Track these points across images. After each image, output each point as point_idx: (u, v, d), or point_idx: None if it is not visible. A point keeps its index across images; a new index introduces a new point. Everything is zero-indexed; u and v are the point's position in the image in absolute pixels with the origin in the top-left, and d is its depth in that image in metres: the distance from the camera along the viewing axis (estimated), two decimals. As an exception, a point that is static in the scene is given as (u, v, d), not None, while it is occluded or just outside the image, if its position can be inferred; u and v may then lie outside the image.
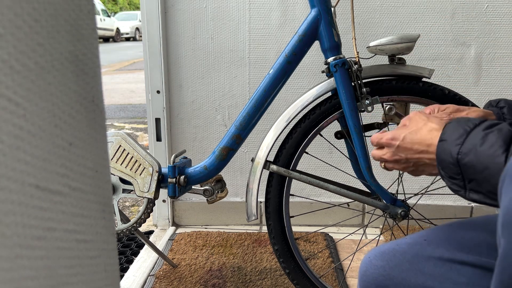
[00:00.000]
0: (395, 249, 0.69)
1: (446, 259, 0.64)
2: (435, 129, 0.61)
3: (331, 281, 1.34)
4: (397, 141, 0.66)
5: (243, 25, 1.58)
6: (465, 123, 0.55)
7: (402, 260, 0.67)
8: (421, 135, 0.62)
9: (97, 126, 0.37)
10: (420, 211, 1.52)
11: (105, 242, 0.38)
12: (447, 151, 0.54)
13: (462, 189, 0.54)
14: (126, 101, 5.02)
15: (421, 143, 0.62)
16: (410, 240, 0.70)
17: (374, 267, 0.69)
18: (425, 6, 1.53)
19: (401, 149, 0.65)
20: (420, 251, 0.67)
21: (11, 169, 0.24)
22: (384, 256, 0.69)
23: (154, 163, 1.09)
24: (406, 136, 0.64)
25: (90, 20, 0.36)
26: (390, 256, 0.68)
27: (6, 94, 0.24)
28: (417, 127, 0.64)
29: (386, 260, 0.68)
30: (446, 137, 0.56)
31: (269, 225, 1.10)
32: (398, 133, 0.66)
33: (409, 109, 1.04)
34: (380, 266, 0.69)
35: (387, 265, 0.68)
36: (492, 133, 0.50)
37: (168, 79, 1.63)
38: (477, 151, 0.50)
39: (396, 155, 0.67)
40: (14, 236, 0.24)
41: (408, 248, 0.68)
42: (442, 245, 0.66)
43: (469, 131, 0.53)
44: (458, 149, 0.53)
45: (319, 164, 1.55)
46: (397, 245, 0.70)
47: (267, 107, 1.06)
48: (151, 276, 1.36)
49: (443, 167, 0.56)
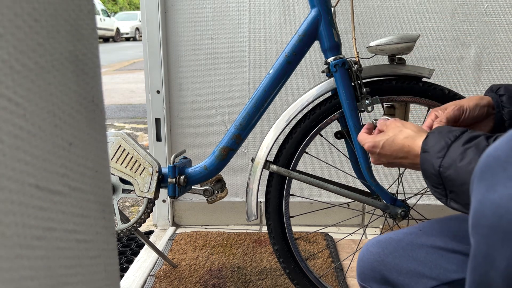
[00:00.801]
0: (391, 238, 0.73)
1: (438, 247, 0.67)
2: (411, 136, 0.66)
3: (331, 281, 1.34)
4: (377, 149, 0.71)
5: (243, 25, 1.58)
6: (446, 135, 0.58)
7: (396, 247, 0.70)
8: (398, 142, 0.68)
9: (97, 126, 0.37)
10: (420, 211, 1.52)
11: (105, 242, 0.38)
12: (429, 162, 0.57)
13: (444, 198, 0.57)
14: (126, 101, 5.02)
15: (400, 150, 0.67)
16: (406, 230, 0.73)
17: (370, 254, 0.73)
18: (425, 6, 1.53)
19: (382, 156, 0.71)
20: (414, 239, 0.70)
21: (11, 169, 0.24)
22: (380, 244, 0.73)
23: (154, 163, 1.09)
24: (385, 144, 0.70)
25: (90, 20, 0.36)
26: (386, 243, 0.72)
27: (6, 94, 0.24)
28: (394, 134, 0.69)
29: (382, 247, 0.72)
30: (428, 148, 0.59)
31: (269, 225, 1.10)
32: (377, 140, 0.71)
33: (409, 109, 1.04)
34: (375, 253, 0.72)
35: (382, 251, 0.71)
36: (470, 149, 0.53)
37: (168, 79, 1.63)
38: (457, 167, 0.53)
39: (378, 160, 0.74)
40: (14, 236, 0.24)
41: (404, 236, 0.72)
42: (436, 235, 0.69)
43: (449, 144, 0.56)
44: (440, 162, 0.55)
45: (319, 164, 1.55)
46: (394, 234, 0.73)
47: (267, 107, 1.06)
48: (151, 276, 1.36)
49: (426, 176, 0.59)
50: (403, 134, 0.67)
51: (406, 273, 0.67)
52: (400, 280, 0.68)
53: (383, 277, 0.71)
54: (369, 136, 0.75)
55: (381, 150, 0.70)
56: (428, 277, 0.65)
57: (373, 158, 0.74)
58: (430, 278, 0.65)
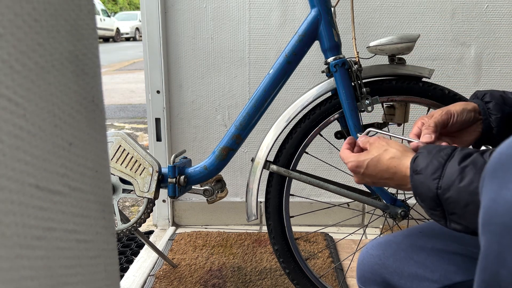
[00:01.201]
0: (391, 240, 0.72)
1: (438, 249, 0.67)
2: (397, 157, 0.64)
3: (331, 281, 1.34)
4: (361, 169, 0.68)
5: (243, 25, 1.58)
6: (438, 154, 0.55)
7: (397, 249, 0.70)
8: (384, 162, 0.65)
9: (97, 126, 0.37)
10: (420, 211, 1.52)
11: (105, 242, 0.38)
12: (425, 185, 0.55)
13: (443, 219, 0.55)
14: (126, 101, 5.02)
15: (386, 171, 0.65)
16: (406, 232, 0.72)
17: (371, 257, 0.72)
18: (425, 6, 1.53)
19: (367, 176, 0.68)
20: (414, 242, 0.69)
21: (11, 169, 0.24)
22: (381, 246, 0.72)
23: (154, 163, 1.09)
24: (369, 163, 0.67)
25: (90, 20, 0.36)
26: (386, 246, 0.71)
27: (6, 94, 0.24)
28: (378, 153, 0.66)
29: (382, 249, 0.71)
30: (421, 170, 0.56)
31: (269, 225, 1.10)
32: (361, 160, 0.68)
33: (409, 109, 1.04)
34: (376, 256, 0.71)
35: (382, 254, 0.71)
36: (468, 168, 0.51)
37: (168, 79, 1.63)
38: (458, 188, 0.51)
39: (362, 180, 0.71)
40: (14, 236, 0.24)
41: (404, 239, 0.71)
42: (436, 237, 0.69)
43: (443, 164, 0.53)
44: (437, 184, 0.53)
45: (319, 164, 1.55)
46: (394, 237, 0.72)
47: (267, 107, 1.06)
48: (151, 276, 1.36)
49: (422, 200, 0.56)
50: (388, 154, 0.65)
51: (408, 276, 0.67)
52: (401, 283, 0.67)
53: (384, 280, 0.70)
54: (352, 154, 0.72)
55: (365, 170, 0.68)
56: (430, 279, 0.65)
57: (357, 177, 0.71)
58: (432, 281, 0.64)
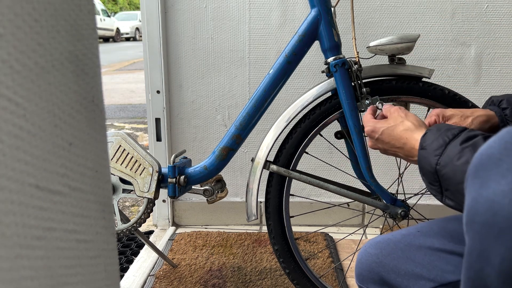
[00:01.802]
0: (390, 239, 0.73)
1: (436, 249, 0.67)
2: (410, 129, 0.68)
3: (331, 281, 1.34)
4: (376, 134, 0.73)
5: (243, 25, 1.58)
6: (445, 133, 0.58)
7: (395, 248, 0.71)
8: (397, 132, 0.70)
9: (97, 126, 0.37)
10: (420, 211, 1.52)
11: (105, 242, 0.38)
12: (427, 160, 0.58)
13: (440, 195, 0.58)
14: (126, 101, 5.01)
15: (398, 140, 0.69)
16: (405, 231, 0.73)
17: (369, 255, 0.73)
18: (425, 6, 1.53)
19: (380, 142, 0.73)
20: (412, 241, 0.70)
21: (11, 169, 0.24)
22: (379, 245, 0.73)
23: (154, 163, 1.09)
24: (384, 131, 0.72)
25: (90, 20, 0.36)
26: (384, 245, 0.72)
27: (6, 94, 0.24)
28: (395, 123, 0.71)
29: (380, 248, 0.72)
30: (426, 146, 0.59)
31: (269, 225, 1.10)
32: (378, 126, 0.73)
33: (409, 109, 1.04)
34: (374, 254, 0.72)
35: (380, 253, 0.72)
36: (467, 149, 0.53)
37: (168, 79, 1.63)
38: (454, 165, 0.53)
39: (375, 145, 0.76)
40: (14, 236, 0.24)
41: (402, 238, 0.72)
42: (434, 236, 0.69)
43: (447, 143, 0.56)
44: (437, 160, 0.56)
45: (319, 164, 1.55)
46: (392, 236, 0.73)
47: (267, 107, 1.06)
48: (151, 276, 1.36)
49: (423, 173, 0.60)
50: (403, 125, 0.69)
51: (404, 274, 0.67)
52: (398, 282, 0.68)
53: (381, 278, 0.71)
54: (372, 120, 0.76)
55: (380, 136, 0.73)
56: (426, 278, 0.65)
57: (371, 142, 0.76)
58: (428, 280, 0.65)
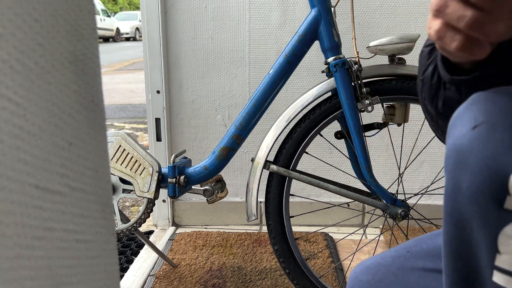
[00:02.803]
0: (380, 263, 0.71)
1: (429, 269, 0.66)
2: None
3: (331, 281, 1.34)
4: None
5: (243, 25, 1.58)
6: None
7: (387, 273, 0.69)
8: None
9: (97, 126, 0.37)
10: (420, 211, 1.52)
11: (105, 242, 0.38)
12: None
13: None
14: (126, 101, 5.02)
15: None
16: (394, 253, 0.71)
17: (360, 283, 0.70)
18: (425, 6, 1.53)
19: None
20: (404, 263, 0.68)
21: (11, 169, 0.24)
22: (370, 271, 0.70)
23: (154, 163, 1.09)
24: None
25: (90, 20, 0.36)
26: (376, 270, 0.70)
27: (6, 94, 0.24)
28: None
29: (372, 274, 0.70)
30: None
31: (269, 225, 1.10)
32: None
33: (409, 109, 1.04)
34: (366, 281, 0.70)
35: (372, 279, 0.69)
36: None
37: (168, 79, 1.63)
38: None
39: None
40: (14, 236, 0.24)
41: (393, 261, 0.70)
42: (425, 256, 0.68)
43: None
44: None
45: (319, 164, 1.55)
46: (382, 259, 0.71)
47: (267, 107, 1.06)
48: (151, 276, 1.36)
49: None
50: None
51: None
52: None
53: None
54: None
55: None
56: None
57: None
58: None
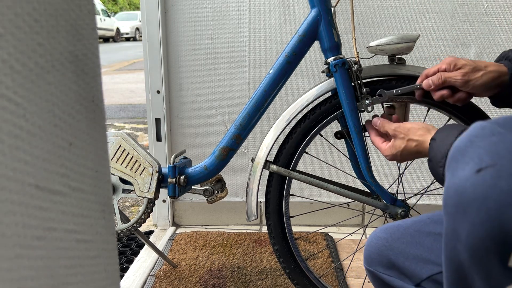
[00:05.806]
0: (400, 225, 0.76)
1: None
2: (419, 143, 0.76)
3: (331, 281, 1.34)
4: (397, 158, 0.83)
5: (243, 25, 1.58)
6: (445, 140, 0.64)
7: (404, 233, 0.73)
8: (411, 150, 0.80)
9: (97, 126, 0.37)
10: (420, 211, 1.52)
11: (105, 242, 0.38)
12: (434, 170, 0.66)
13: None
14: (126, 101, 5.01)
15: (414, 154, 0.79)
16: (415, 218, 0.76)
17: (378, 239, 0.76)
18: (425, 6, 1.53)
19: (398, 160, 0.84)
20: (422, 227, 0.73)
21: (11, 169, 0.24)
22: (389, 230, 0.76)
23: (154, 163, 1.09)
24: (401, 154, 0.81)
25: (90, 20, 0.36)
26: (394, 230, 0.75)
27: (6, 94, 0.24)
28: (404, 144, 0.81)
29: (390, 233, 0.75)
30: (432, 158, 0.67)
31: (269, 225, 1.10)
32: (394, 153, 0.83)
33: (409, 109, 1.04)
34: (383, 238, 0.75)
35: (390, 237, 0.74)
36: None
37: (168, 79, 1.63)
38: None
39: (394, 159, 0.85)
40: (14, 236, 0.24)
41: (412, 224, 0.74)
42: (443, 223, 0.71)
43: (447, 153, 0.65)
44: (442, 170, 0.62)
45: (319, 164, 1.55)
46: (402, 222, 0.77)
47: (267, 107, 1.06)
48: (151, 276, 1.36)
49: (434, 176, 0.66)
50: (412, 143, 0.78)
51: (413, 258, 0.69)
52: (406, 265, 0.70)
53: (389, 261, 0.72)
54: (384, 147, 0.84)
55: (399, 158, 0.82)
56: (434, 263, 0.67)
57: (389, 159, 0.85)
58: (436, 264, 0.67)
